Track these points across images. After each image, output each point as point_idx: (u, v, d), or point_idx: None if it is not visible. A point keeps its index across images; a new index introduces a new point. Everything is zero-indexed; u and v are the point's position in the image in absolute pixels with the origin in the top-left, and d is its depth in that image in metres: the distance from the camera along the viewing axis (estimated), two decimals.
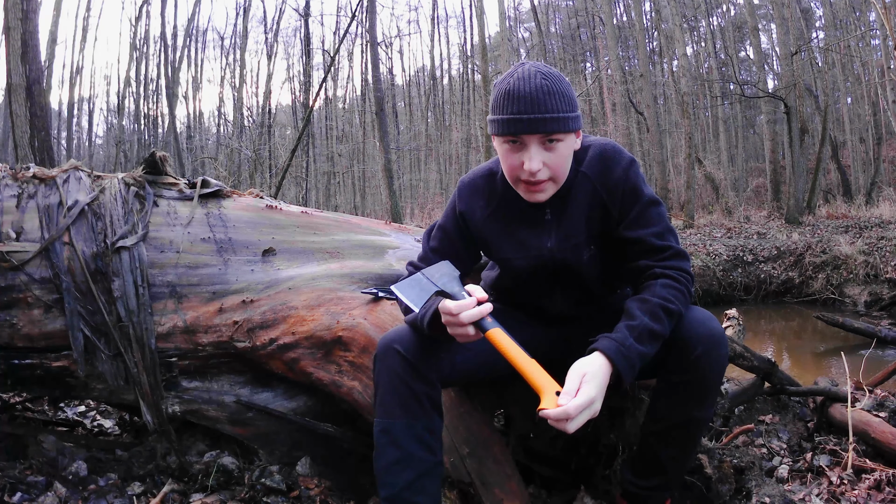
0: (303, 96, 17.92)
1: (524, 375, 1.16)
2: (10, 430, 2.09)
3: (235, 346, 1.92)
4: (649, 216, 1.38)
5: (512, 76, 1.28)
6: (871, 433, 2.03)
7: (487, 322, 1.22)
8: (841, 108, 20.29)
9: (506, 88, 1.27)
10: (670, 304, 1.27)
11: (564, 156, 1.31)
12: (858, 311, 7.39)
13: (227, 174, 15.08)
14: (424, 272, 1.35)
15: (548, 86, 1.25)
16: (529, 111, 1.24)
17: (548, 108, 1.24)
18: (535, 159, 1.27)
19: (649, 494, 1.47)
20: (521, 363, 1.16)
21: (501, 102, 1.28)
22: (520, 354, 1.17)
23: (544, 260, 1.44)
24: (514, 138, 1.28)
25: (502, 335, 1.20)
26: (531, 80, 1.25)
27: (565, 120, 1.26)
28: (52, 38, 16.13)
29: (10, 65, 5.50)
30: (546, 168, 1.29)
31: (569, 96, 1.28)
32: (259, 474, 1.89)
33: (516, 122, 1.25)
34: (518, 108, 1.25)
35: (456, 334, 1.24)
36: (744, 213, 14.66)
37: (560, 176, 1.34)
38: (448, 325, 1.24)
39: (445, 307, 1.23)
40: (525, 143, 1.28)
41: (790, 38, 13.31)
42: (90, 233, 1.96)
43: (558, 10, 28.14)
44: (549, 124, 1.25)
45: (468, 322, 1.21)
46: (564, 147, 1.30)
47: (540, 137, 1.27)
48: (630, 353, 1.21)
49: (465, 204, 1.49)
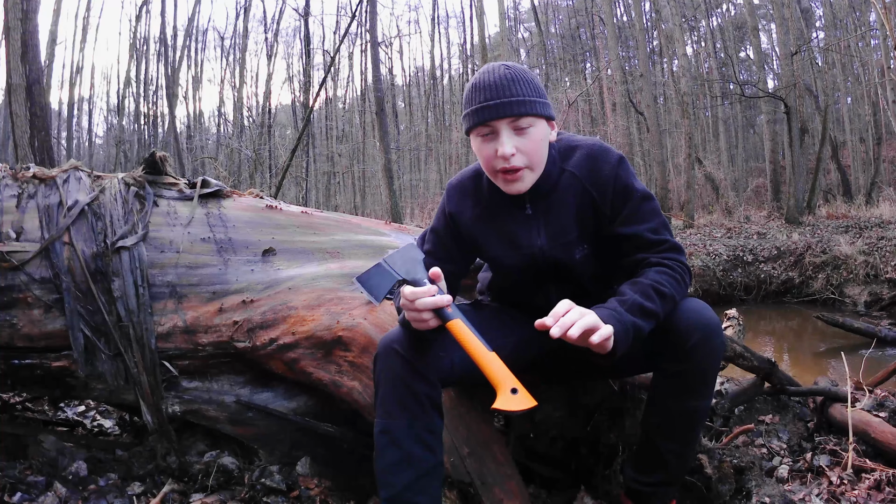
0: (303, 96, 17.93)
1: (482, 369, 1.13)
2: (10, 430, 2.08)
3: (235, 346, 1.92)
4: (643, 212, 1.39)
5: (479, 73, 1.36)
6: (871, 433, 2.03)
7: (448, 312, 1.20)
8: (841, 108, 20.29)
9: (473, 83, 1.35)
10: (662, 287, 1.28)
11: (538, 141, 1.34)
12: (858, 311, 7.39)
13: (227, 174, 15.08)
14: (386, 259, 1.33)
15: (511, 74, 1.31)
16: (496, 96, 1.30)
17: (513, 93, 1.30)
18: (507, 143, 1.30)
19: (652, 491, 1.47)
20: (481, 356, 1.14)
21: (470, 96, 1.34)
22: (479, 347, 1.15)
23: (535, 259, 1.45)
24: (486, 128, 1.32)
25: (462, 327, 1.18)
26: (495, 71, 1.33)
27: (532, 103, 1.31)
28: (52, 38, 16.14)
29: (10, 65, 5.51)
30: (520, 154, 1.32)
31: (534, 84, 1.34)
32: (259, 474, 1.89)
33: (484, 109, 1.31)
34: (485, 95, 1.31)
35: (414, 321, 1.24)
36: (744, 213, 14.66)
37: (536, 163, 1.35)
38: (407, 312, 1.24)
39: (403, 292, 1.23)
40: (496, 130, 1.31)
41: (790, 38, 13.30)
42: (90, 233, 1.96)
43: (558, 10, 28.14)
44: (515, 107, 1.29)
45: (424, 309, 1.20)
46: (536, 132, 1.33)
47: (510, 122, 1.31)
48: (623, 319, 1.22)
49: (454, 205, 1.51)
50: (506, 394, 1.09)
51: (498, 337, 1.34)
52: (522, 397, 1.09)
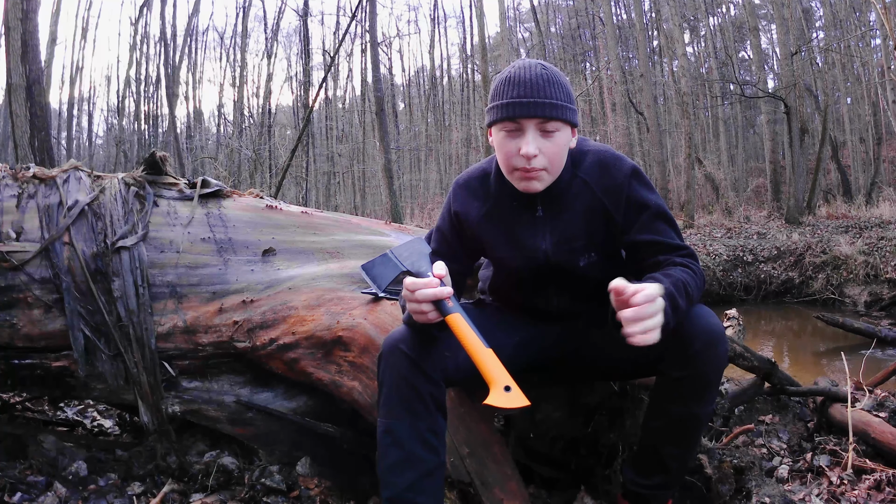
0: (303, 96, 17.92)
1: (477, 364, 1.13)
2: (10, 430, 2.09)
3: (235, 346, 1.92)
4: (659, 225, 1.37)
5: (513, 67, 1.32)
6: (871, 433, 2.03)
7: (449, 306, 1.19)
8: (841, 108, 20.28)
9: (506, 76, 1.32)
10: (688, 286, 1.26)
11: (561, 145, 1.32)
12: (858, 311, 7.39)
13: (227, 174, 15.08)
14: (393, 250, 1.33)
15: (547, 75, 1.29)
16: (529, 95, 1.27)
17: (547, 94, 1.28)
18: (532, 143, 1.29)
19: (651, 493, 1.46)
20: (477, 352, 1.14)
21: (501, 89, 1.31)
22: (476, 343, 1.15)
23: (538, 261, 1.44)
24: (512, 124, 1.30)
25: (461, 321, 1.18)
26: (532, 69, 1.30)
27: (563, 108, 1.29)
28: (52, 38, 16.13)
29: (10, 65, 5.50)
30: (542, 156, 1.30)
31: (567, 89, 1.32)
32: (259, 474, 1.89)
33: (516, 105, 1.28)
34: (518, 91, 1.28)
35: (415, 313, 1.24)
36: (744, 213, 14.66)
37: (555, 166, 1.34)
38: (408, 304, 1.24)
39: (405, 282, 1.23)
40: (523, 128, 1.29)
41: (790, 38, 13.31)
42: (90, 233, 1.96)
43: (558, 10, 28.14)
44: (547, 109, 1.27)
45: (423, 300, 1.20)
46: (561, 137, 1.32)
47: (538, 123, 1.29)
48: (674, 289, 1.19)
49: (459, 204, 1.49)
50: (499, 390, 1.08)
51: (498, 336, 1.33)
52: (516, 395, 1.08)
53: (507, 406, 1.07)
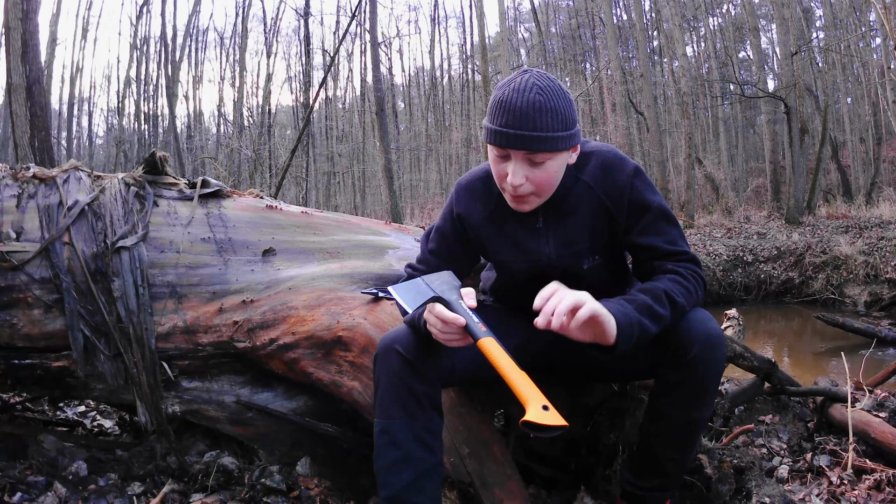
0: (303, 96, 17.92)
1: (512, 388, 1.12)
2: (10, 430, 2.08)
3: (235, 346, 1.92)
4: (660, 226, 1.37)
5: (509, 85, 1.23)
6: (871, 433, 2.03)
7: (482, 330, 1.20)
8: (841, 108, 20.29)
9: (500, 97, 1.23)
10: (675, 296, 1.26)
11: (552, 172, 1.28)
12: (858, 311, 7.39)
13: (227, 174, 15.08)
14: (424, 278, 1.34)
15: (541, 101, 1.20)
16: (517, 126, 1.20)
17: (536, 126, 1.20)
18: (518, 174, 1.25)
19: (649, 495, 1.46)
20: (511, 375, 1.14)
21: (494, 111, 1.25)
22: (510, 366, 1.15)
23: (542, 266, 1.43)
24: (501, 150, 1.26)
25: (494, 345, 1.18)
26: (526, 93, 1.20)
27: (554, 140, 1.22)
28: (52, 38, 16.15)
29: (10, 65, 5.50)
30: (529, 183, 1.27)
31: (564, 114, 1.22)
32: (259, 474, 1.89)
33: (503, 134, 1.22)
34: (506, 120, 1.21)
35: (444, 341, 1.24)
36: (744, 213, 14.66)
37: (544, 192, 1.31)
38: (431, 328, 1.24)
39: (436, 311, 1.23)
40: (511, 156, 1.26)
41: (790, 38, 13.30)
42: (90, 233, 1.96)
43: (558, 10, 28.14)
44: (534, 143, 1.21)
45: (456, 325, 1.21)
46: (552, 165, 1.26)
47: (524, 154, 1.24)
48: (629, 314, 1.20)
49: (462, 206, 1.49)
50: (537, 408, 1.06)
51: (500, 337, 1.33)
52: (553, 415, 1.06)
53: (546, 423, 1.05)
